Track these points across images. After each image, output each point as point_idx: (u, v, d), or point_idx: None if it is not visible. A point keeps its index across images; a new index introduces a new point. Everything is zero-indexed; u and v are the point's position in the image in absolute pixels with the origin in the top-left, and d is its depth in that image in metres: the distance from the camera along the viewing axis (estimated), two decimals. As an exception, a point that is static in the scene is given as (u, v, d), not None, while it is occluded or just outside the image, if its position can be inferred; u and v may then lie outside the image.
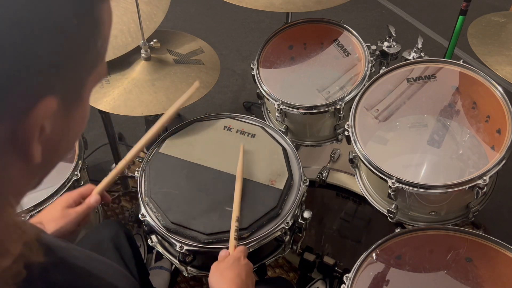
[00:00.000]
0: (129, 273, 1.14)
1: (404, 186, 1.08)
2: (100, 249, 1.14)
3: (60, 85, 0.43)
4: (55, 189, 1.24)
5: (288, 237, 1.17)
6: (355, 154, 1.19)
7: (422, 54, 1.45)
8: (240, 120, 1.36)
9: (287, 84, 1.41)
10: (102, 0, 0.45)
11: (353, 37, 1.45)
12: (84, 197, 1.00)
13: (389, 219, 1.21)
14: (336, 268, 1.44)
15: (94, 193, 1.01)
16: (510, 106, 1.12)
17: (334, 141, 1.44)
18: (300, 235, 1.23)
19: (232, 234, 1.04)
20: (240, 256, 0.97)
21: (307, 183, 1.22)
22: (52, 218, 0.93)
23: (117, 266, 0.84)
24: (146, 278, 1.27)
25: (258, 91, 1.43)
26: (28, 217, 1.19)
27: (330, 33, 1.48)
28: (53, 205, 0.96)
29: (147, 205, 1.17)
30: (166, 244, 1.20)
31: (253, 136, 1.31)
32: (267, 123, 1.40)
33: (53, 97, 0.42)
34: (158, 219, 1.14)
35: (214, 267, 0.96)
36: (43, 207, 1.21)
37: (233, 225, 1.05)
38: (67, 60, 0.43)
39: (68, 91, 0.44)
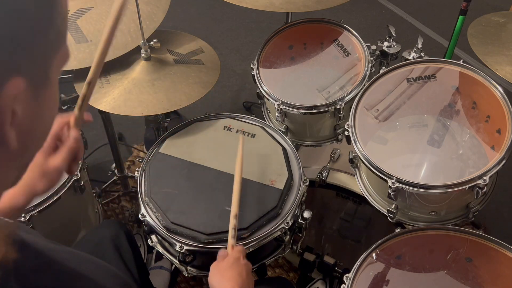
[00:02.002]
0: (129, 273, 1.14)
1: (404, 186, 1.08)
2: (100, 249, 1.14)
3: (25, 65, 0.43)
4: (55, 189, 1.24)
5: (288, 237, 1.17)
6: (355, 154, 1.19)
7: (422, 54, 1.45)
8: (240, 120, 1.36)
9: (287, 84, 1.41)
10: None
11: (353, 37, 1.45)
12: (60, 136, 0.83)
13: (389, 219, 1.21)
14: (336, 268, 1.45)
15: (71, 128, 0.83)
16: (510, 106, 1.12)
17: (334, 141, 1.44)
18: (300, 235, 1.23)
19: (230, 233, 1.02)
20: (240, 256, 0.96)
21: (307, 183, 1.22)
22: (35, 176, 0.80)
23: (109, 267, 0.83)
24: (146, 278, 1.27)
25: (258, 91, 1.43)
26: (28, 217, 1.19)
27: (330, 33, 1.48)
28: (32, 163, 0.76)
29: (147, 205, 1.17)
30: (166, 244, 1.20)
31: (253, 136, 1.31)
32: (267, 123, 1.40)
33: (20, 78, 0.42)
34: (158, 219, 1.14)
35: (214, 267, 0.95)
36: (42, 207, 1.21)
37: (232, 223, 1.03)
38: (29, 38, 0.42)
39: (35, 72, 0.44)
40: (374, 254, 1.09)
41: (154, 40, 1.36)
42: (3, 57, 0.40)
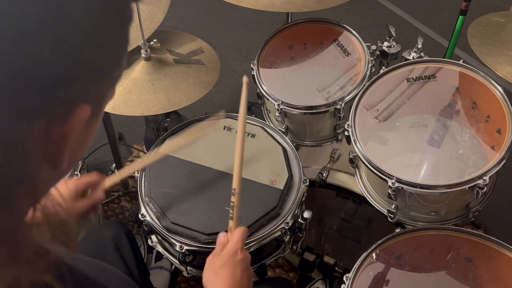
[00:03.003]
0: (130, 273, 1.14)
1: (404, 186, 1.08)
2: (101, 249, 1.14)
3: (94, 94, 0.45)
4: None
5: (288, 237, 1.17)
6: (355, 154, 1.19)
7: (422, 54, 1.45)
8: (240, 120, 1.36)
9: (287, 84, 1.41)
10: (132, 18, 0.49)
11: (353, 37, 1.45)
12: (90, 187, 1.00)
13: (389, 219, 1.21)
14: (336, 268, 1.45)
15: (101, 189, 1.01)
16: (510, 106, 1.12)
17: (334, 141, 1.44)
18: (300, 235, 1.23)
19: (231, 214, 0.96)
20: (237, 250, 0.89)
21: (307, 183, 1.22)
22: None
23: (121, 274, 0.83)
24: (146, 278, 1.27)
25: (258, 91, 1.43)
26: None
27: (330, 33, 1.48)
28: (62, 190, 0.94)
29: (147, 205, 1.17)
30: (166, 244, 1.20)
31: (253, 136, 1.31)
32: (267, 123, 1.40)
33: (88, 106, 0.44)
34: (158, 219, 1.14)
35: (209, 261, 0.90)
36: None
37: (233, 202, 0.96)
38: (107, 70, 0.45)
39: (98, 102, 0.47)
40: (374, 254, 1.09)
41: (154, 40, 1.36)
42: (81, 83, 0.42)
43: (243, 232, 0.93)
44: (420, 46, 1.46)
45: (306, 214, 1.19)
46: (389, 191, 1.10)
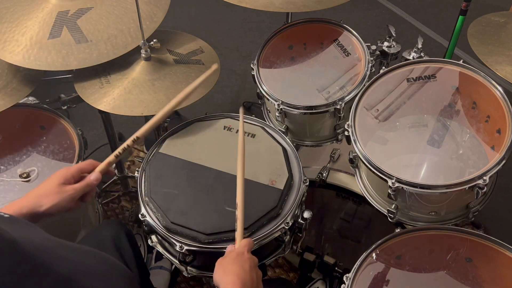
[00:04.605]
0: (131, 272, 1.14)
1: (404, 186, 1.08)
2: (101, 249, 1.13)
3: None
4: (55, 189, 1.24)
5: (288, 237, 1.17)
6: (355, 154, 1.19)
7: (422, 54, 1.45)
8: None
9: (287, 84, 1.41)
10: None
11: (353, 37, 1.45)
12: (85, 172, 0.99)
13: (389, 219, 1.21)
14: (336, 268, 1.45)
15: (96, 171, 1.00)
16: (510, 106, 1.12)
17: (334, 141, 1.44)
18: (300, 235, 1.23)
19: (236, 226, 1.01)
20: (244, 251, 0.95)
21: (307, 183, 1.22)
22: (47, 193, 0.92)
23: (114, 261, 0.84)
24: (146, 278, 1.27)
25: (258, 91, 1.43)
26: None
27: (330, 33, 1.48)
28: (49, 180, 0.95)
29: (147, 205, 1.17)
30: (166, 244, 1.20)
31: (253, 136, 1.31)
32: (267, 123, 1.40)
33: None
34: (158, 219, 1.14)
35: (218, 263, 0.95)
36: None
37: (239, 216, 1.01)
38: None
39: None
40: (374, 254, 1.09)
41: (154, 40, 1.36)
42: None
43: (249, 241, 0.99)
44: (420, 46, 1.46)
45: (306, 214, 1.19)
46: (389, 191, 1.10)
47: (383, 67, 1.30)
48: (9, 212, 0.84)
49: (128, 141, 1.05)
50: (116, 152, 1.03)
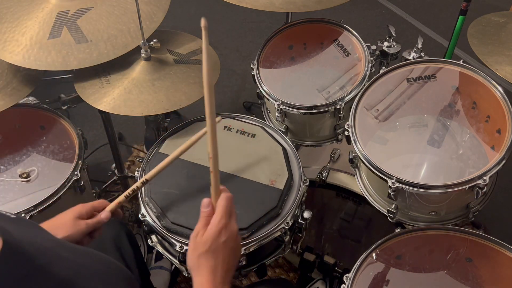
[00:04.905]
0: (131, 274, 1.14)
1: (404, 186, 1.08)
2: (102, 249, 1.13)
3: None
4: (55, 189, 1.24)
5: (288, 237, 1.17)
6: (355, 154, 1.19)
7: (422, 54, 1.45)
8: (240, 120, 1.36)
9: (287, 84, 1.41)
10: None
11: (353, 37, 1.45)
12: (96, 211, 1.04)
13: (389, 219, 1.21)
14: (336, 268, 1.44)
15: (106, 210, 1.04)
16: (510, 106, 1.12)
17: (334, 141, 1.44)
18: (300, 235, 1.23)
19: (213, 179, 0.91)
20: (220, 230, 0.84)
21: (307, 183, 1.22)
22: (62, 225, 0.97)
23: (114, 262, 0.85)
24: (147, 278, 1.27)
25: (258, 91, 1.43)
26: (28, 217, 1.19)
27: (330, 33, 1.48)
28: (65, 213, 1.00)
29: (147, 205, 1.17)
30: (166, 244, 1.20)
31: (253, 136, 1.31)
32: (267, 123, 1.40)
33: None
34: (158, 219, 1.14)
35: (192, 241, 0.86)
36: (43, 207, 1.21)
37: (212, 168, 0.91)
38: None
39: None
40: (374, 254, 1.09)
41: (154, 40, 1.36)
42: None
43: (227, 200, 0.87)
44: (420, 46, 1.46)
45: (306, 214, 1.19)
46: (389, 191, 1.10)
47: (383, 67, 1.30)
48: None
49: (138, 183, 1.10)
50: (126, 193, 1.08)
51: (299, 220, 1.19)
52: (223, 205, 0.87)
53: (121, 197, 1.07)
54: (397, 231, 1.13)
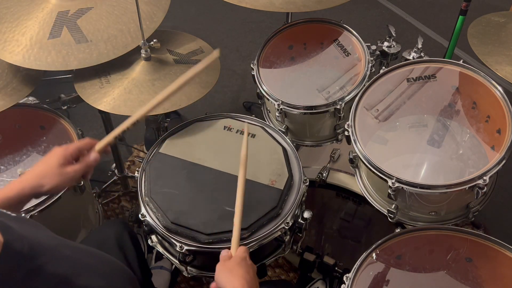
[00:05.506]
0: (132, 273, 1.14)
1: (404, 186, 1.08)
2: (104, 248, 1.13)
3: None
4: (55, 189, 1.24)
5: (288, 237, 1.17)
6: (355, 154, 1.19)
7: (422, 54, 1.45)
8: (240, 120, 1.36)
9: (287, 84, 1.41)
10: None
11: (353, 37, 1.45)
12: (82, 152, 0.98)
13: (389, 219, 1.21)
14: (336, 268, 1.44)
15: (94, 150, 0.99)
16: (510, 106, 1.12)
17: (334, 141, 1.44)
18: (300, 235, 1.23)
19: (235, 233, 1.01)
20: (246, 256, 0.95)
21: (307, 183, 1.22)
22: (48, 174, 0.92)
23: (116, 262, 0.85)
24: (148, 278, 1.27)
25: (258, 91, 1.43)
26: (28, 217, 1.19)
27: (330, 33, 1.48)
28: (49, 161, 0.93)
29: (147, 205, 1.17)
30: (166, 244, 1.20)
31: (253, 136, 1.31)
32: (267, 123, 1.40)
33: None
34: (158, 219, 1.14)
35: (220, 265, 0.94)
36: (43, 207, 1.21)
37: (236, 225, 1.00)
38: None
39: None
40: (374, 254, 1.09)
41: (154, 40, 1.36)
42: None
43: (247, 248, 0.98)
44: (420, 46, 1.46)
45: (306, 214, 1.19)
46: (389, 191, 1.10)
47: (383, 67, 1.30)
48: (12, 193, 0.86)
49: (128, 124, 1.03)
50: (115, 133, 1.02)
51: (299, 220, 1.19)
52: (245, 248, 0.97)
53: (110, 137, 1.02)
54: (397, 231, 1.13)
